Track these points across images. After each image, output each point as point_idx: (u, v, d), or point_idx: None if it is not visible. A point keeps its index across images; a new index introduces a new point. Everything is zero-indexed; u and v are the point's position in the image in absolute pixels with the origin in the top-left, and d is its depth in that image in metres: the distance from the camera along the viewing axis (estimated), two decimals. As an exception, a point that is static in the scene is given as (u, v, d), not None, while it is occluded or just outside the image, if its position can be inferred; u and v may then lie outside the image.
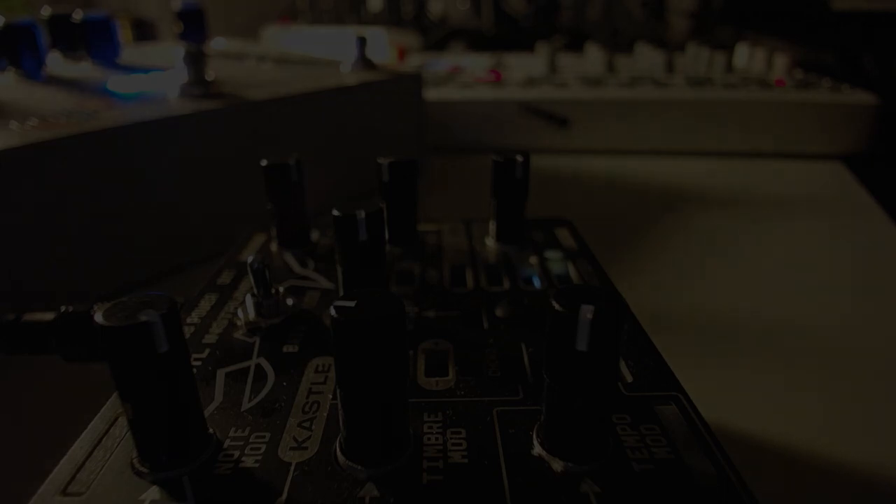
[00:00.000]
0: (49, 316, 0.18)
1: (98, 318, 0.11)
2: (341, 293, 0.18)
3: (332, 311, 0.11)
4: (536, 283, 0.20)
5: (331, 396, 0.14)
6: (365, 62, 0.45)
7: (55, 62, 0.45)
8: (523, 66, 0.68)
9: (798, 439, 0.21)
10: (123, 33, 0.54)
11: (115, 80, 0.39)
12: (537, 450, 0.13)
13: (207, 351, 0.16)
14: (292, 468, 0.12)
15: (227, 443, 0.13)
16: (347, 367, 0.12)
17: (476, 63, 0.71)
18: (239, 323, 0.18)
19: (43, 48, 0.41)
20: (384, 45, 0.80)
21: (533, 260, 0.22)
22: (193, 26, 0.53)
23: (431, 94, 0.55)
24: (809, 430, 0.22)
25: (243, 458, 0.12)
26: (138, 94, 0.36)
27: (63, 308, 0.19)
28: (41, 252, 0.27)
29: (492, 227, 0.23)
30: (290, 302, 0.19)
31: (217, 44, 0.60)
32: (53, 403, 0.23)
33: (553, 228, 0.24)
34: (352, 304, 0.11)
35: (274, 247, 0.23)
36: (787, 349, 0.27)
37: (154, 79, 0.40)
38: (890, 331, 0.28)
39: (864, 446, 0.21)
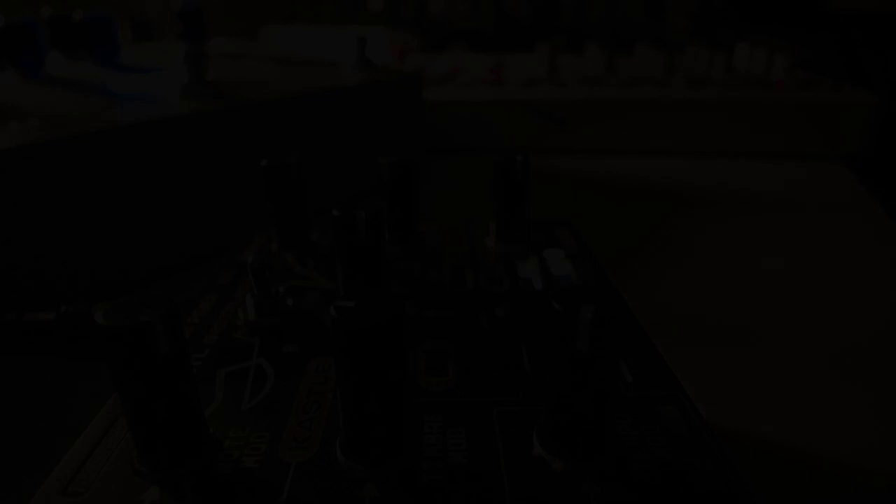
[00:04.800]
0: (49, 316, 0.19)
1: (98, 318, 0.11)
2: (341, 293, 0.18)
3: (332, 312, 0.11)
4: (536, 283, 0.20)
5: (331, 396, 0.14)
6: (365, 62, 0.45)
7: (55, 62, 0.45)
8: (523, 66, 0.68)
9: (798, 439, 0.21)
10: (123, 33, 0.53)
11: (115, 80, 0.39)
12: (537, 450, 0.13)
13: (207, 351, 0.16)
14: (292, 468, 0.12)
15: (227, 443, 0.13)
16: (347, 367, 0.12)
17: (476, 63, 0.70)
18: (239, 323, 0.18)
19: (43, 48, 0.41)
20: (384, 45, 0.80)
21: (533, 260, 0.22)
22: (193, 26, 0.53)
23: (431, 94, 0.55)
24: (809, 429, 0.22)
25: (243, 458, 0.12)
26: (138, 94, 0.36)
27: (63, 308, 0.19)
28: (41, 252, 0.27)
29: (492, 227, 0.23)
30: (290, 302, 0.19)
31: (217, 44, 0.60)
32: (53, 403, 0.23)
33: (553, 228, 0.24)
34: (352, 304, 0.11)
35: (274, 247, 0.23)
36: (786, 349, 0.27)
37: (154, 79, 0.40)
38: (890, 330, 0.28)
39: (865, 446, 0.21)
